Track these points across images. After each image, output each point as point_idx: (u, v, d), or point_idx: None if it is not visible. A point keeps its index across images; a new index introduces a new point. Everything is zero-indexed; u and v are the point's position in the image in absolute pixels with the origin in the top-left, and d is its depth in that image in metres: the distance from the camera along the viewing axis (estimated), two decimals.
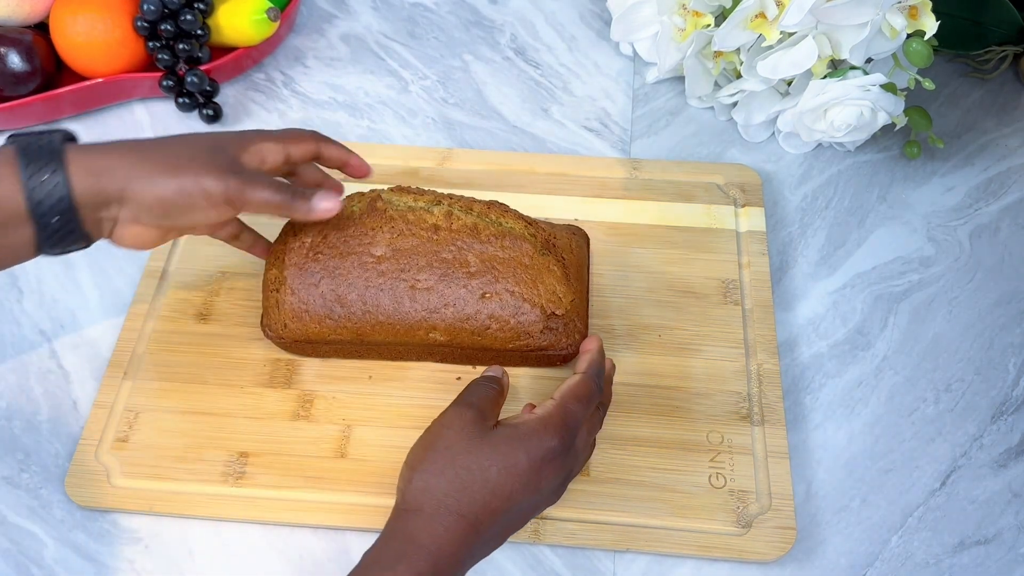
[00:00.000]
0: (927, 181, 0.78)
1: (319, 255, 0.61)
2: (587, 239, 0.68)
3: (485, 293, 0.60)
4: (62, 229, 0.52)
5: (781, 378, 0.65)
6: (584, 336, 0.63)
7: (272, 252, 0.64)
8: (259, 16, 0.79)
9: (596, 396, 0.55)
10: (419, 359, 0.64)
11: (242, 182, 0.54)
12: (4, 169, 0.50)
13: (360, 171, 0.63)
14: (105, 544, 0.59)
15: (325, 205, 0.57)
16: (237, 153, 0.55)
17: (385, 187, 0.64)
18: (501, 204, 0.63)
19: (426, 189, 0.64)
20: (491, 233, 0.61)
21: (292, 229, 0.63)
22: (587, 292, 0.66)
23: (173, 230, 0.56)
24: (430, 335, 0.61)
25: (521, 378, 0.64)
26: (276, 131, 0.59)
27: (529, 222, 0.63)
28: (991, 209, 0.76)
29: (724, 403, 0.63)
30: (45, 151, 0.51)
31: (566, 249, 0.64)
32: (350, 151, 0.63)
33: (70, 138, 0.54)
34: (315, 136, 0.61)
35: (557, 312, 0.60)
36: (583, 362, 0.57)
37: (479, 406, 0.53)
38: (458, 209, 0.62)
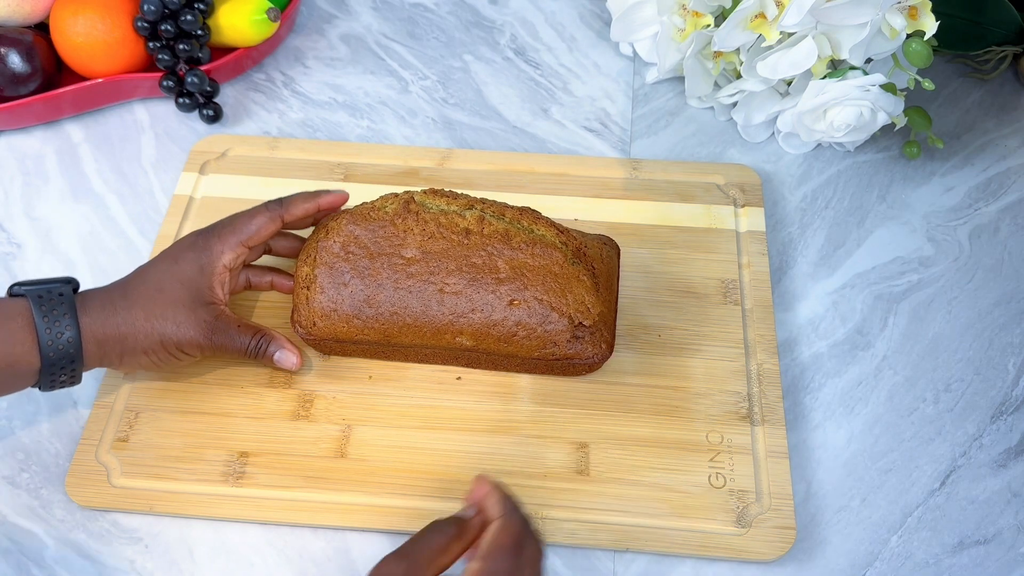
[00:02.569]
0: (927, 181, 0.78)
1: (350, 255, 0.61)
2: (618, 250, 0.67)
3: (513, 300, 0.60)
4: (64, 382, 0.57)
5: (781, 378, 0.65)
6: (611, 346, 0.62)
7: (304, 249, 0.64)
8: (259, 16, 0.79)
9: (525, 537, 0.49)
10: (445, 363, 0.64)
11: (217, 343, 0.60)
12: (21, 332, 0.55)
13: (336, 203, 0.66)
14: (105, 544, 0.59)
15: (289, 361, 0.62)
16: (211, 293, 0.60)
17: (419, 189, 0.64)
18: (533, 211, 0.63)
19: (459, 193, 0.64)
20: (522, 240, 0.61)
21: (324, 227, 0.63)
22: (616, 303, 0.65)
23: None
24: (457, 339, 0.61)
25: (521, 377, 0.64)
26: (237, 229, 0.62)
27: (561, 230, 0.62)
28: (990, 209, 0.76)
29: (724, 403, 0.63)
30: (57, 310, 0.56)
31: (597, 259, 0.63)
32: (316, 198, 0.65)
33: (75, 286, 0.58)
34: (271, 214, 0.63)
35: (585, 322, 0.60)
36: (494, 507, 0.49)
37: (416, 559, 0.47)
38: (490, 214, 0.62)
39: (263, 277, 0.67)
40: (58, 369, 0.56)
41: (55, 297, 0.56)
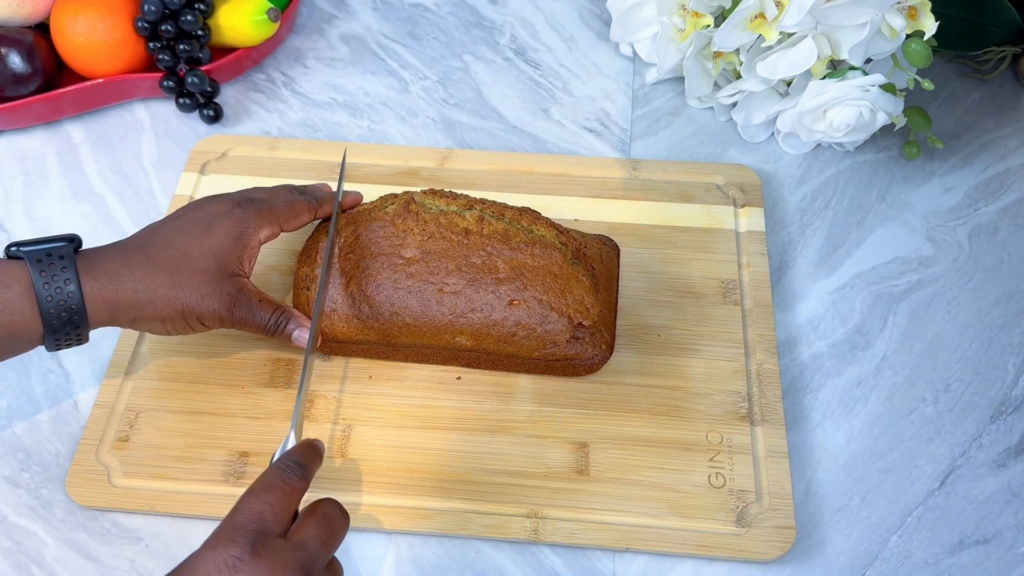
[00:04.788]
0: (926, 181, 0.78)
1: (350, 255, 0.61)
2: (618, 250, 0.68)
3: (513, 300, 0.60)
4: (71, 342, 0.56)
5: (780, 378, 0.65)
6: (611, 347, 0.62)
7: (304, 250, 0.64)
8: (259, 17, 0.79)
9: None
10: (445, 363, 0.64)
11: (238, 317, 0.59)
12: (20, 300, 0.53)
13: (355, 204, 0.67)
14: (105, 544, 0.59)
15: (305, 339, 0.60)
16: (239, 265, 0.59)
17: (419, 189, 0.64)
18: (533, 211, 0.63)
19: (459, 193, 0.64)
20: (522, 240, 0.61)
21: (325, 228, 0.63)
22: (615, 303, 0.65)
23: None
24: (456, 339, 0.61)
25: (521, 377, 0.64)
26: (278, 212, 0.61)
27: (560, 231, 0.63)
28: (990, 209, 0.76)
29: (723, 403, 0.63)
30: (59, 276, 0.53)
31: (596, 259, 0.63)
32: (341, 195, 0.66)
33: (77, 244, 0.56)
34: (310, 208, 0.63)
35: (584, 323, 0.60)
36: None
37: (256, 529, 0.47)
38: (490, 215, 0.62)
39: None
40: (63, 334, 0.54)
41: (55, 260, 0.53)
